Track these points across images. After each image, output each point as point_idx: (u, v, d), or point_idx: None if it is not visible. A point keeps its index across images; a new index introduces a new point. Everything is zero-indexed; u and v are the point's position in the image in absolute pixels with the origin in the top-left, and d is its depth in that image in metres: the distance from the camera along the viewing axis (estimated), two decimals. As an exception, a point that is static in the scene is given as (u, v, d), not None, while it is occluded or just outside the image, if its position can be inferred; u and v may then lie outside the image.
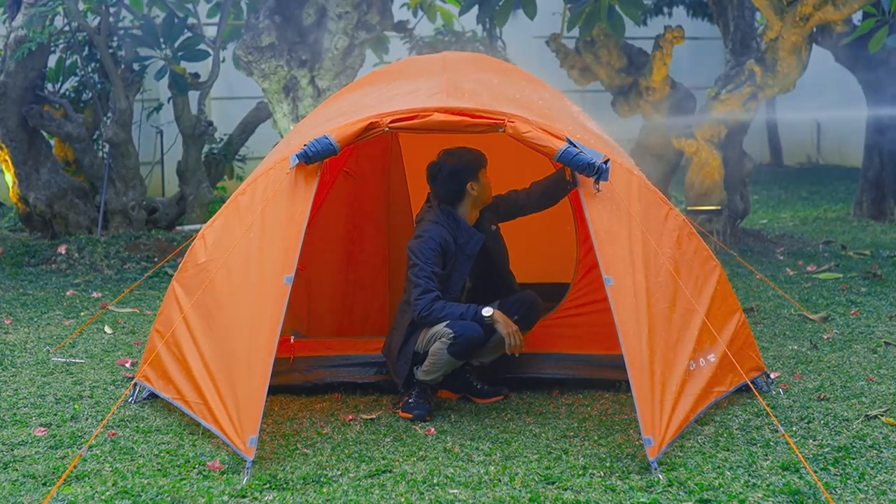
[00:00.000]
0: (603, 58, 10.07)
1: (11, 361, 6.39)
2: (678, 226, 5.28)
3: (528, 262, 6.16)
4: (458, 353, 5.25)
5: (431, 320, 5.23)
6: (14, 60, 9.71)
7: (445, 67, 5.85)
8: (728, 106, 9.53)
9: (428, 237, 5.33)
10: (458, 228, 5.41)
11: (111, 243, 9.73)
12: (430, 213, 5.47)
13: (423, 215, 5.50)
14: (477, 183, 5.47)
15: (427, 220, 5.42)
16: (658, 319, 4.83)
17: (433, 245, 5.30)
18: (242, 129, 11.46)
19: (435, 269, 5.29)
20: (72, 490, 4.40)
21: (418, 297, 5.23)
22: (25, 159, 10.23)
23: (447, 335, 5.22)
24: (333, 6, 9.38)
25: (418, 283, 5.26)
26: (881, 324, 6.96)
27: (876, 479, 4.42)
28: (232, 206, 5.32)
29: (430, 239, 5.32)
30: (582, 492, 4.35)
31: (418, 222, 5.51)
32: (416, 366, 5.34)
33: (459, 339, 5.19)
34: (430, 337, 5.29)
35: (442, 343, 5.24)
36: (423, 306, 5.22)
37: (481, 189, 5.49)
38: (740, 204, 9.91)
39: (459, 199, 5.47)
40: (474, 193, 5.47)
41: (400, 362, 5.39)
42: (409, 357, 5.35)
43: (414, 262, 5.31)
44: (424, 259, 5.28)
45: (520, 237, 6.00)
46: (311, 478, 4.51)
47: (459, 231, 5.41)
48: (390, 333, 5.55)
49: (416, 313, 5.25)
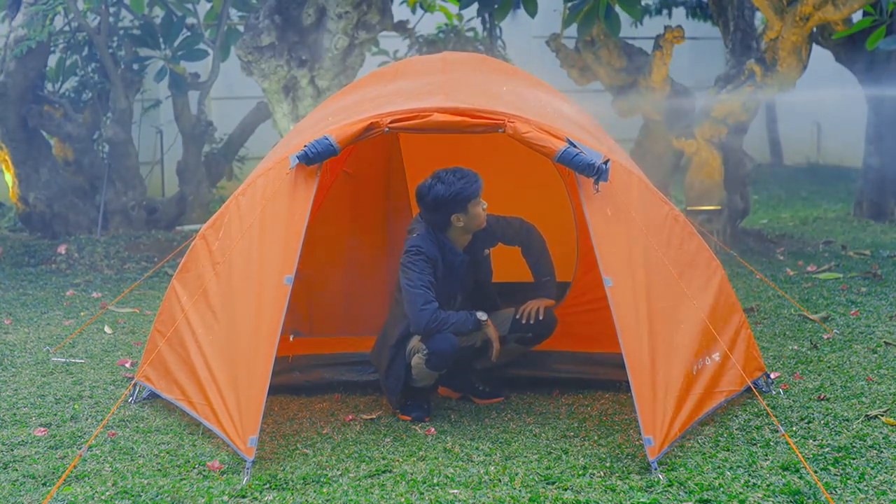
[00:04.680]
0: (603, 57, 10.06)
1: (11, 361, 6.39)
2: (678, 226, 5.28)
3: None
4: (436, 367, 5.24)
5: (439, 331, 5.14)
6: (13, 58, 9.71)
7: (445, 68, 5.85)
8: (728, 106, 9.53)
9: (416, 250, 5.22)
10: (444, 248, 5.32)
11: (111, 243, 9.73)
12: (420, 226, 5.34)
13: (414, 227, 5.38)
14: (464, 214, 5.26)
15: (416, 234, 5.31)
16: (658, 320, 4.83)
17: (423, 258, 5.21)
18: (242, 129, 11.46)
19: (430, 279, 5.20)
20: (72, 490, 4.40)
21: (422, 307, 5.12)
22: (25, 159, 10.23)
23: (422, 350, 5.21)
24: (333, 6, 9.39)
25: (417, 294, 5.13)
26: (881, 324, 6.95)
27: (876, 479, 4.42)
28: (232, 206, 5.32)
29: (418, 252, 5.22)
30: (582, 492, 4.35)
31: (409, 233, 5.39)
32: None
33: (433, 355, 5.17)
34: (410, 350, 5.29)
35: (419, 358, 5.24)
36: (428, 318, 5.11)
37: (469, 220, 5.28)
38: (740, 204, 9.91)
39: (445, 227, 5.32)
40: (460, 225, 5.29)
41: (390, 381, 5.34)
42: (399, 376, 5.31)
43: (409, 276, 5.18)
44: (419, 270, 5.18)
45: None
46: (311, 478, 4.51)
47: (445, 250, 5.32)
48: (378, 343, 5.49)
49: (420, 325, 5.13)
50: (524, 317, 5.52)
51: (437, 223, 5.30)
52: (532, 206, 6.27)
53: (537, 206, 6.28)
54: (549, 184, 6.03)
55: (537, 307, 5.52)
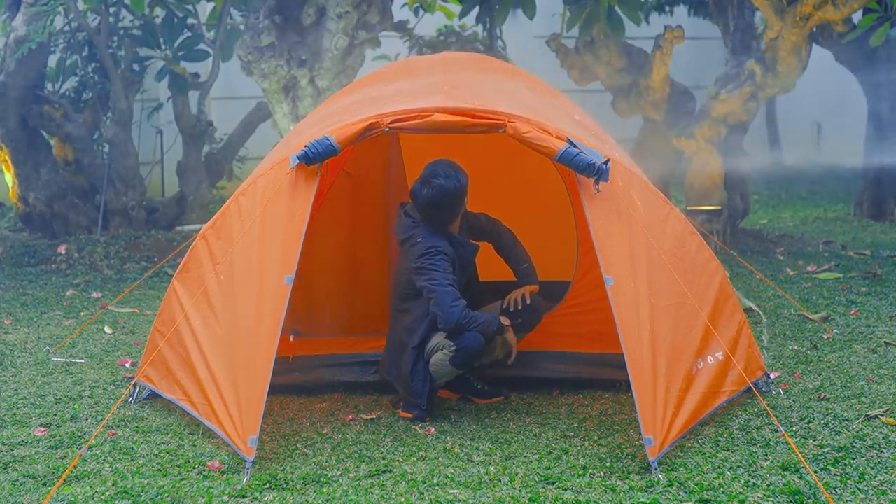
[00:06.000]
0: (603, 58, 10.07)
1: (11, 361, 6.39)
2: (679, 225, 5.28)
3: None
4: (461, 364, 5.25)
5: (469, 328, 5.15)
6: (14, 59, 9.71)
7: (445, 68, 5.85)
8: (728, 106, 9.53)
9: (436, 250, 5.23)
10: (453, 240, 5.35)
11: (111, 243, 9.74)
12: (420, 229, 5.33)
13: (414, 233, 5.34)
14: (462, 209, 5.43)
15: (421, 236, 5.30)
16: (659, 319, 4.83)
17: (444, 257, 5.23)
18: (242, 129, 11.46)
19: (453, 276, 5.23)
20: (72, 490, 4.40)
21: (452, 304, 5.12)
22: (25, 159, 10.24)
23: (448, 347, 5.22)
24: (333, 6, 9.39)
25: (445, 292, 5.14)
26: (881, 324, 6.95)
27: (876, 479, 4.42)
28: (233, 206, 5.32)
29: (437, 251, 5.23)
30: (582, 492, 4.35)
31: (407, 240, 5.35)
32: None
33: (461, 351, 5.19)
34: (431, 348, 5.29)
35: (443, 354, 5.24)
36: (458, 315, 5.11)
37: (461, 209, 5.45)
38: (740, 204, 9.91)
39: (454, 221, 5.39)
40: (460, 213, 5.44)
41: (416, 383, 5.30)
42: (425, 377, 5.29)
43: (432, 276, 5.17)
44: (442, 269, 5.19)
45: (520, 236, 5.98)
46: (311, 478, 4.51)
47: (455, 243, 5.36)
48: (390, 354, 5.47)
49: (451, 322, 5.12)
50: (511, 304, 5.53)
51: (449, 219, 5.36)
52: (532, 206, 6.28)
53: (537, 206, 6.29)
54: (550, 184, 6.03)
55: (522, 293, 5.55)
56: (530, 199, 6.29)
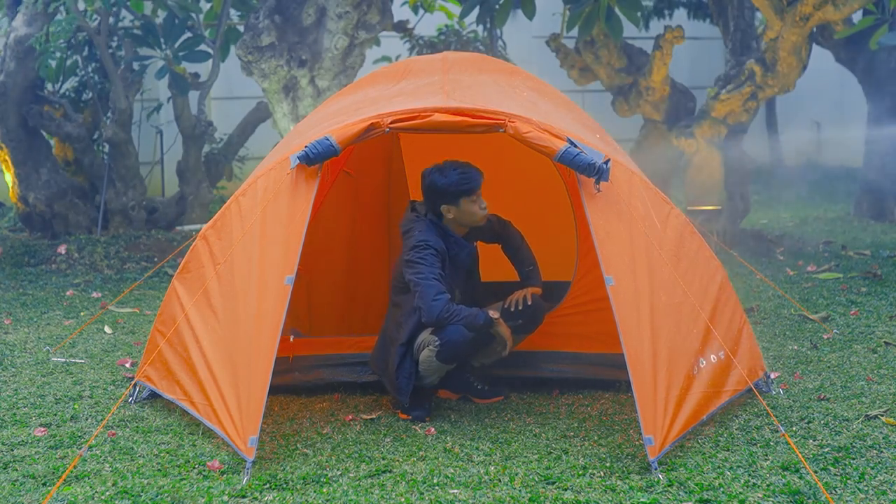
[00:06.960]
0: (603, 58, 10.07)
1: (11, 361, 6.39)
2: (680, 225, 5.28)
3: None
4: (448, 359, 5.23)
5: (451, 322, 5.13)
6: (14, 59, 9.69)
7: (446, 67, 5.85)
8: (728, 106, 9.53)
9: (424, 244, 5.23)
10: (447, 238, 5.34)
11: (111, 243, 9.73)
12: (420, 223, 5.34)
13: (413, 226, 5.36)
14: (455, 207, 5.32)
15: (417, 230, 5.31)
16: (660, 319, 4.83)
17: (432, 252, 5.22)
18: (242, 129, 11.46)
19: (440, 271, 5.20)
20: (72, 490, 4.40)
21: (434, 297, 5.09)
22: (25, 159, 10.23)
23: (433, 343, 5.21)
24: (333, 6, 9.39)
25: (429, 285, 5.12)
26: (881, 324, 6.95)
27: (876, 479, 4.42)
28: (233, 206, 5.32)
29: (426, 246, 5.22)
30: (582, 492, 4.35)
31: (406, 233, 5.37)
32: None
33: (446, 345, 5.17)
34: (419, 345, 5.28)
35: (430, 351, 5.23)
36: (440, 308, 5.09)
37: (460, 214, 5.34)
38: (740, 204, 9.91)
39: (438, 216, 5.37)
40: (450, 216, 5.34)
41: (401, 380, 5.29)
42: (411, 374, 5.28)
43: (418, 270, 5.17)
44: (429, 263, 5.18)
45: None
46: (311, 478, 4.51)
47: (449, 241, 5.34)
48: (379, 349, 5.48)
49: (433, 315, 5.10)
50: (512, 304, 5.53)
51: (433, 211, 5.35)
52: (532, 207, 6.27)
53: (537, 206, 6.29)
54: (550, 184, 6.03)
55: (524, 294, 5.55)
56: (530, 199, 6.29)
